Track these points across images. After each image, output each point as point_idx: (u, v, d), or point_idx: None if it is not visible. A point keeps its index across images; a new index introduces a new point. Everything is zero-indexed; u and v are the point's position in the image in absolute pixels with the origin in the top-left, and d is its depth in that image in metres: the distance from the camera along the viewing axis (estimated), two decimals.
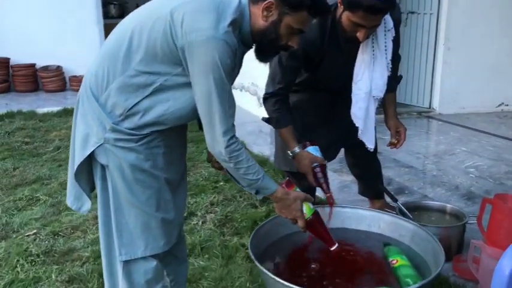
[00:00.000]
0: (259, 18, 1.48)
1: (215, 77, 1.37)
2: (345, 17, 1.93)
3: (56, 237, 2.63)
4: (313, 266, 1.77)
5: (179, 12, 1.39)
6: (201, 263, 2.38)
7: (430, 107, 5.71)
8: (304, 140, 2.17)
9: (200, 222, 2.80)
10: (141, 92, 1.46)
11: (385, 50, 2.13)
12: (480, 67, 5.50)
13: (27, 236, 2.63)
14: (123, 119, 1.48)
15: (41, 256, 2.41)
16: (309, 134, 2.35)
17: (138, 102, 1.46)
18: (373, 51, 2.12)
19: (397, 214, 2.42)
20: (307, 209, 1.67)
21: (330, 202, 2.01)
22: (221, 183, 3.40)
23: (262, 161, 3.73)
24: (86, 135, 1.53)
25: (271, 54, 1.61)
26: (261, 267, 1.57)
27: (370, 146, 2.29)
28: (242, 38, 1.49)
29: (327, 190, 2.02)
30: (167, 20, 1.39)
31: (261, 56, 1.58)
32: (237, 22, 1.44)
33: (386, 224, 2.01)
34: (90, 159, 1.54)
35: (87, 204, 1.63)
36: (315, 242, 1.84)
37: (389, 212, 2.62)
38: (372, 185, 2.70)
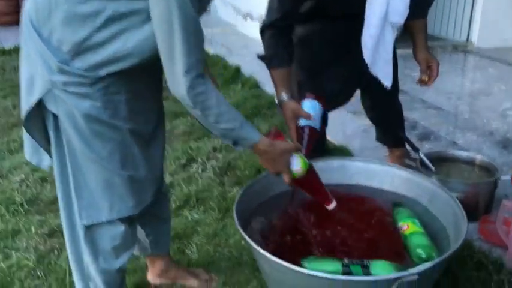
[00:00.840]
0: None
1: None
2: None
3: (43, 183, 2.45)
4: (304, 228, 1.51)
5: None
6: (195, 216, 2.16)
7: (467, 40, 5.17)
8: (306, 88, 1.83)
9: (200, 170, 2.56)
10: (91, 23, 1.17)
11: None
12: None
13: (14, 182, 2.47)
14: (72, 57, 1.21)
15: (24, 205, 2.24)
16: (318, 73, 2.01)
17: (89, 35, 1.18)
18: None
19: (417, 166, 2.12)
20: (301, 162, 1.39)
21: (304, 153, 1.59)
22: None
23: (273, 103, 3.42)
24: (30, 77, 1.27)
25: None
26: (246, 236, 1.33)
27: (387, 82, 1.94)
28: None
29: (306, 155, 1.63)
30: None
31: None
32: None
33: (401, 181, 1.72)
34: (42, 106, 1.29)
35: (46, 159, 1.39)
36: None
37: (409, 163, 2.33)
38: (391, 132, 2.37)
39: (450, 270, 1.68)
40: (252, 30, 4.96)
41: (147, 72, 1.32)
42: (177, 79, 1.16)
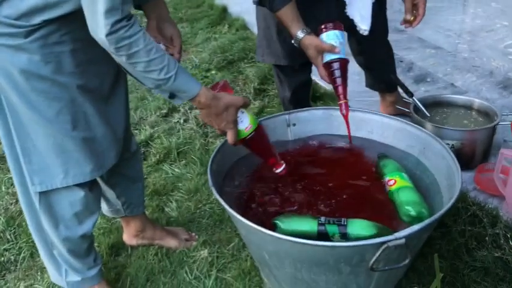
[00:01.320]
0: None
1: None
2: None
3: None
4: (281, 186, 1.39)
5: None
6: (176, 170, 2.05)
7: None
8: (310, 16, 1.62)
9: (182, 121, 2.42)
10: None
11: None
12: None
13: None
14: None
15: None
16: (302, 14, 1.81)
17: None
18: None
19: (411, 111, 1.98)
20: (250, 119, 1.24)
21: (344, 113, 1.48)
22: (213, 72, 2.96)
23: None
24: None
25: None
26: (220, 199, 1.21)
27: (364, 26, 1.75)
28: None
29: (342, 95, 1.48)
30: None
31: None
32: None
33: (392, 131, 1.58)
34: None
35: None
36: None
37: (402, 108, 2.18)
38: (381, 76, 2.21)
39: (443, 223, 1.58)
40: None
41: None
42: (96, 19, 0.98)
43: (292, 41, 1.56)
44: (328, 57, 1.47)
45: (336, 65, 1.47)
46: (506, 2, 4.09)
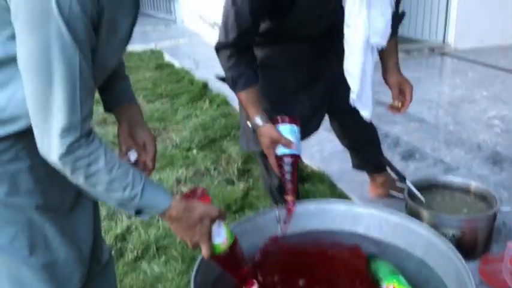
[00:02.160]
0: None
1: (46, 31, 0.79)
2: None
3: None
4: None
5: None
6: (156, 269, 1.87)
7: (444, 42, 4.99)
8: (277, 113, 1.57)
9: None
10: None
11: None
12: None
13: None
14: None
15: None
16: (284, 102, 1.75)
17: None
18: None
19: (405, 197, 1.87)
20: (227, 233, 1.11)
21: (289, 209, 1.41)
22: (194, 152, 2.85)
23: None
24: None
25: None
26: None
27: (367, 114, 1.69)
28: None
29: (290, 191, 1.42)
30: None
31: None
32: None
33: (391, 227, 1.46)
34: None
35: None
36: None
37: (395, 194, 2.08)
38: (368, 157, 2.12)
39: None
40: None
41: None
42: (48, 139, 0.85)
43: (248, 123, 1.54)
44: (281, 151, 1.45)
45: (288, 160, 1.44)
46: (483, 70, 4.17)
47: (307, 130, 1.87)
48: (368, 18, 1.45)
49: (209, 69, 4.45)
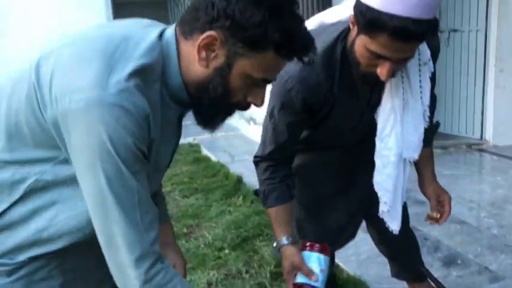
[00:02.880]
0: (195, 62, 0.90)
1: (105, 168, 0.83)
2: (360, 43, 1.28)
3: None
4: None
5: (48, 63, 0.83)
6: None
7: (481, 138, 4.93)
8: (311, 222, 1.55)
9: None
10: (8, 194, 0.90)
11: (421, 92, 1.50)
12: None
13: None
14: None
15: None
16: (321, 209, 1.73)
17: (5, 210, 0.90)
18: (403, 94, 1.49)
19: None
20: None
21: None
22: (226, 251, 2.80)
23: None
24: None
25: (220, 116, 1.01)
26: None
27: (395, 227, 1.64)
28: (170, 92, 0.93)
29: None
30: (31, 79, 0.84)
31: (204, 120, 1.00)
32: (153, 69, 0.87)
33: None
34: None
35: None
36: None
37: None
38: (407, 266, 2.03)
39: None
40: (256, 134, 4.78)
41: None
42: (124, 271, 0.87)
43: (274, 244, 1.49)
44: (301, 279, 1.37)
45: None
46: None
47: (342, 238, 1.82)
48: (401, 133, 1.45)
49: (245, 163, 4.51)
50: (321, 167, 1.69)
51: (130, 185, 0.85)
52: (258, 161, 1.55)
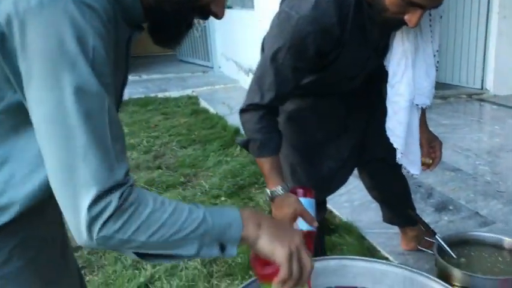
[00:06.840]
0: None
1: (70, 77, 0.66)
2: None
3: None
4: None
5: None
6: None
7: (482, 88, 4.88)
8: (304, 165, 1.56)
9: (185, 259, 2.25)
10: None
11: (431, 37, 1.46)
12: None
13: None
14: None
15: None
16: (314, 153, 1.73)
17: None
18: (415, 38, 1.45)
19: (434, 252, 1.79)
20: None
21: None
22: (222, 199, 2.85)
23: None
24: None
25: (183, 27, 0.86)
26: None
27: (415, 172, 1.65)
28: (122, 8, 0.78)
29: None
30: None
31: (167, 35, 0.86)
32: None
33: None
34: None
35: None
36: None
37: (424, 249, 1.99)
38: (399, 210, 2.06)
39: None
40: None
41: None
42: (76, 207, 0.69)
43: (267, 190, 1.43)
44: (302, 226, 1.35)
45: (307, 238, 1.31)
46: None
47: (333, 184, 1.84)
48: (413, 78, 1.43)
49: None
50: (315, 114, 1.67)
51: (101, 99, 0.68)
52: (250, 109, 1.43)
